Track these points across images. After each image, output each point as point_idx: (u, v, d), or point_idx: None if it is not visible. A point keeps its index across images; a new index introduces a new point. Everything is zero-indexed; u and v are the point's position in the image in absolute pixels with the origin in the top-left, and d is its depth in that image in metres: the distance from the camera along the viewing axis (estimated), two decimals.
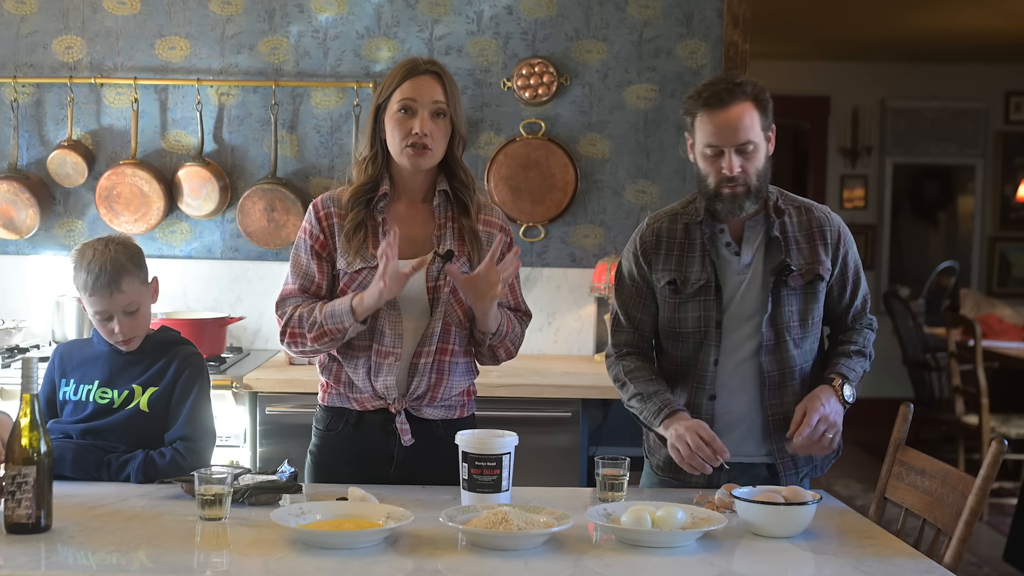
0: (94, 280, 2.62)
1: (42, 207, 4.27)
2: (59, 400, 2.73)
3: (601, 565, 2.06)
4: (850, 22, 7.44)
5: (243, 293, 4.37)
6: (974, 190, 9.20)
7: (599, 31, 4.35)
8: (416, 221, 2.64)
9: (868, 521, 2.44)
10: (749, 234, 2.64)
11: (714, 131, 2.54)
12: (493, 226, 2.67)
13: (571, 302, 4.39)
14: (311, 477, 2.71)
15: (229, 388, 3.70)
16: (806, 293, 2.64)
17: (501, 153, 4.33)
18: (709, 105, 2.53)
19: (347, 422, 2.65)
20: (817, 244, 2.65)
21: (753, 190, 2.57)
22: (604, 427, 4.07)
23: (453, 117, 2.57)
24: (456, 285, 2.53)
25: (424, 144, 2.54)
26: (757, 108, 2.55)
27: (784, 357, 2.63)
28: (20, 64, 4.35)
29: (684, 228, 2.68)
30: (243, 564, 2.04)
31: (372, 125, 2.62)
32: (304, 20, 4.34)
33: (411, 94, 2.55)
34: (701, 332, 2.64)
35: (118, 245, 2.66)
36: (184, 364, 2.70)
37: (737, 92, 2.53)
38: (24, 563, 1.99)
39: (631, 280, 2.73)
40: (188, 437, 2.64)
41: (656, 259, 2.68)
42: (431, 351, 2.59)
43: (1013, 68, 8.86)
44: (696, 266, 2.64)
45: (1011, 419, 6.16)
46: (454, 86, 2.60)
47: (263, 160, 4.35)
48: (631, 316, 2.73)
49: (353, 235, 2.57)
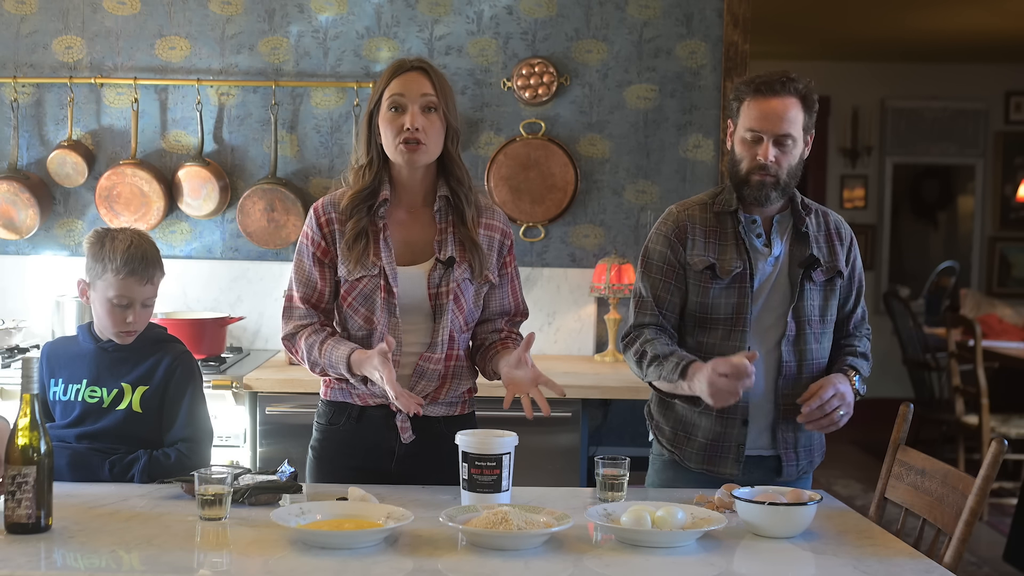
0: (131, 266, 2.61)
1: (42, 207, 4.27)
2: (50, 400, 2.72)
3: (601, 565, 2.06)
4: (850, 22, 7.44)
5: (243, 293, 4.37)
6: (974, 190, 9.21)
7: (599, 31, 4.35)
8: (417, 226, 2.63)
9: (868, 521, 2.44)
10: (779, 227, 2.71)
11: (759, 116, 2.61)
12: (495, 230, 2.67)
13: (571, 302, 4.39)
14: (312, 472, 2.71)
15: (229, 388, 3.70)
16: (826, 289, 2.72)
17: (501, 153, 4.33)
18: (760, 91, 2.62)
19: (349, 416, 2.65)
20: (836, 244, 2.74)
21: (782, 183, 2.64)
22: (604, 427, 4.07)
23: (445, 111, 2.57)
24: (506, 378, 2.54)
25: (417, 139, 2.53)
26: (804, 106, 2.64)
27: (804, 349, 2.69)
28: (20, 64, 4.35)
29: (716, 216, 2.72)
30: (243, 564, 2.04)
31: (367, 131, 2.62)
32: (304, 20, 4.34)
33: (399, 90, 2.55)
34: (732, 319, 2.67)
35: (145, 237, 2.70)
36: (175, 363, 2.70)
37: (789, 86, 2.62)
38: (24, 563, 1.99)
39: (663, 262, 2.73)
40: (190, 438, 2.65)
41: (693, 243, 2.70)
42: (439, 358, 2.60)
43: (1013, 68, 8.86)
44: (731, 254, 2.68)
45: (1011, 419, 6.16)
46: (443, 80, 2.60)
47: (263, 160, 4.35)
48: (659, 298, 2.72)
49: (354, 243, 2.57)
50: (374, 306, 2.58)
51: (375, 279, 2.55)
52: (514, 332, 2.73)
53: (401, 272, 2.57)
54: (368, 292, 2.57)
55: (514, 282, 2.72)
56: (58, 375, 2.71)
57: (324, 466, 2.69)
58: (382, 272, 2.56)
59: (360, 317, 2.59)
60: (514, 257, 2.73)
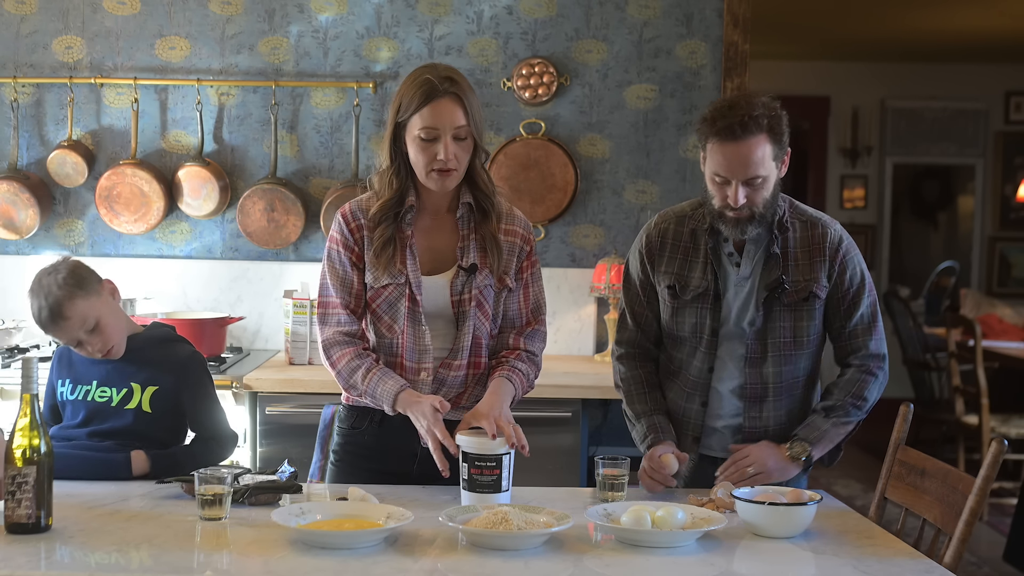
0: (38, 320, 2.67)
1: (42, 207, 4.27)
2: (59, 401, 2.74)
3: (601, 565, 2.06)
4: (850, 22, 7.44)
5: (243, 293, 4.37)
6: (974, 190, 9.20)
7: (599, 31, 4.35)
8: (440, 233, 2.62)
9: (868, 521, 2.44)
10: (750, 247, 2.62)
11: (724, 163, 2.48)
12: (516, 235, 2.64)
13: (571, 302, 4.39)
14: (334, 476, 2.70)
15: (229, 388, 3.70)
16: (799, 310, 2.62)
17: (501, 153, 4.33)
18: (721, 136, 2.47)
19: (371, 421, 2.64)
20: (816, 260, 2.61)
21: (757, 216, 2.54)
22: (604, 427, 4.07)
23: (475, 134, 2.54)
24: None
25: (449, 168, 2.51)
26: (772, 139, 2.48)
27: (769, 372, 2.63)
28: (20, 64, 4.35)
29: (691, 233, 2.66)
30: (243, 564, 2.04)
31: (391, 139, 2.57)
32: (304, 20, 4.34)
33: (433, 122, 2.49)
34: (697, 338, 2.65)
35: (50, 275, 2.66)
36: (189, 365, 2.73)
37: (751, 126, 2.45)
38: (24, 563, 1.99)
39: (636, 278, 2.73)
40: (216, 437, 2.73)
41: (660, 261, 2.68)
42: (462, 364, 2.59)
43: (1013, 68, 8.86)
44: (698, 272, 2.63)
45: (1011, 419, 6.16)
46: (474, 101, 2.55)
47: (263, 160, 4.35)
48: (636, 314, 2.74)
49: (382, 251, 2.56)
50: (397, 313, 2.57)
51: (401, 287, 2.56)
52: (519, 349, 2.66)
53: (425, 281, 2.57)
54: (393, 300, 2.57)
55: (527, 288, 2.67)
56: (66, 377, 2.74)
57: (346, 469, 2.68)
58: (407, 281, 2.56)
59: (383, 325, 2.59)
60: (533, 262, 2.67)
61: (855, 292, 2.64)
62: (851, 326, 2.66)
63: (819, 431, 2.60)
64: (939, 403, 6.76)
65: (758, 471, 2.54)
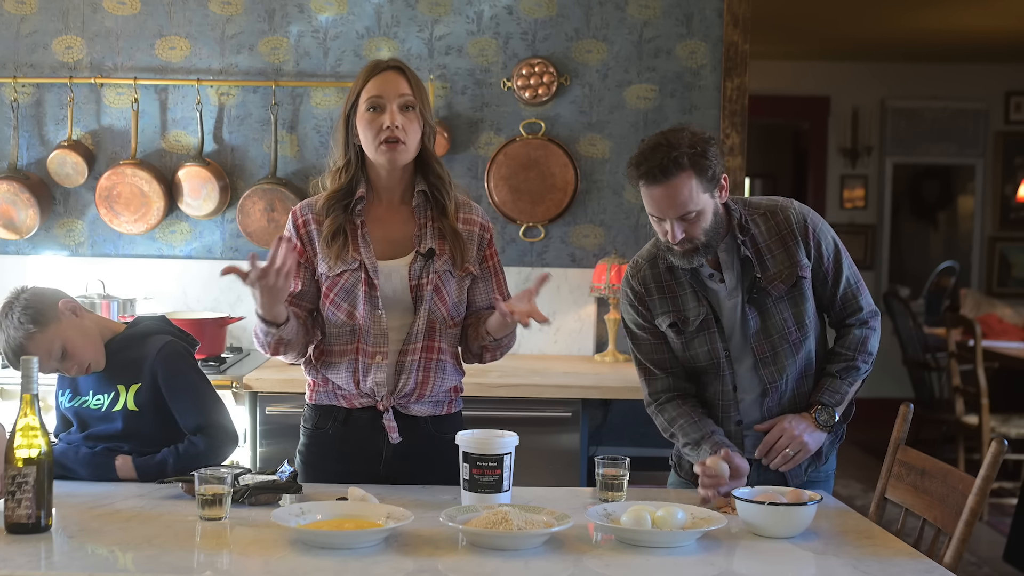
0: (7, 360, 2.66)
1: (42, 207, 4.27)
2: (63, 411, 2.76)
3: (601, 565, 2.06)
4: (850, 22, 7.44)
5: (243, 293, 4.37)
6: (974, 190, 9.21)
7: (599, 31, 4.35)
8: (395, 222, 2.65)
9: (868, 521, 2.44)
10: (725, 258, 2.63)
11: (653, 204, 2.51)
12: (473, 224, 2.67)
13: (571, 302, 4.39)
14: (300, 477, 2.70)
15: (229, 388, 3.70)
16: (793, 297, 2.63)
17: (501, 153, 4.33)
18: (646, 179, 2.49)
19: (335, 420, 2.65)
20: (790, 244, 2.62)
21: (702, 246, 2.55)
22: (604, 427, 4.07)
23: (422, 109, 2.59)
24: (499, 309, 2.49)
25: (397, 138, 2.55)
26: (697, 175, 2.47)
27: (783, 366, 2.65)
28: (20, 64, 4.35)
29: (668, 270, 2.67)
30: (243, 564, 2.04)
31: (344, 132, 2.63)
32: (304, 20, 4.35)
33: (377, 91, 2.56)
34: (714, 364, 2.66)
35: (6, 317, 2.62)
36: (159, 357, 2.68)
37: (672, 167, 2.44)
38: (24, 563, 1.99)
39: (640, 329, 2.72)
40: (205, 425, 2.65)
41: (653, 305, 2.68)
42: (417, 348, 2.60)
43: (1013, 68, 8.86)
44: (692, 303, 2.64)
45: (1011, 419, 6.16)
46: (418, 79, 2.62)
47: (263, 160, 4.36)
48: (657, 362, 2.72)
49: (332, 241, 2.59)
50: (356, 300, 2.58)
51: (356, 273, 2.57)
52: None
53: (382, 265, 2.59)
54: (350, 287, 2.58)
55: (498, 276, 2.71)
56: (66, 386, 2.75)
57: (312, 471, 2.69)
58: (362, 266, 2.57)
59: (343, 312, 2.60)
60: (495, 252, 2.72)
61: (835, 260, 2.67)
62: (841, 292, 2.69)
63: (840, 394, 2.65)
64: (939, 403, 6.76)
65: (797, 450, 2.60)
